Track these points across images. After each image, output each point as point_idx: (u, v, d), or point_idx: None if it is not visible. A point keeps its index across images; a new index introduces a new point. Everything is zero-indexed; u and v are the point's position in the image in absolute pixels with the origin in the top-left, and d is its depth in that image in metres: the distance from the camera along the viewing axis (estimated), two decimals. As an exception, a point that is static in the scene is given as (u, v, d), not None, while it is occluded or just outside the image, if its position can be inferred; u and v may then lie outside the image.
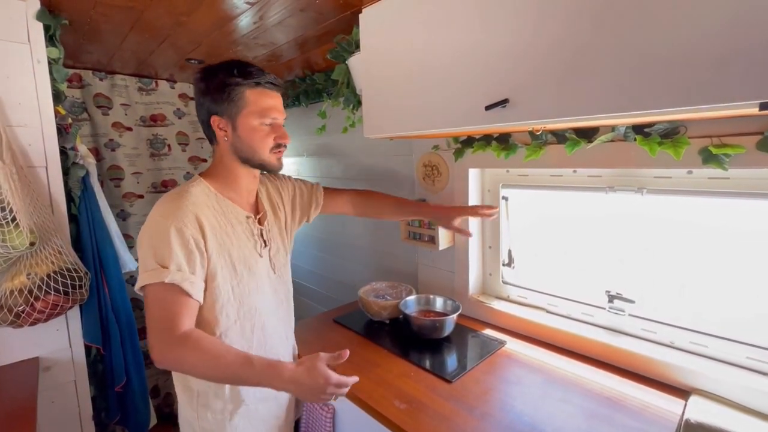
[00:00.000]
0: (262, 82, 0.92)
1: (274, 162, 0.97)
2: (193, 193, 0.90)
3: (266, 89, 0.93)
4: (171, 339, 0.79)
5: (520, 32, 0.79)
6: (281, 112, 0.96)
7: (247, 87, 0.90)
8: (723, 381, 0.95)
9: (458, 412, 0.94)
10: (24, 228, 1.08)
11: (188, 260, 0.83)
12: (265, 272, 1.01)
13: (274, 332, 1.03)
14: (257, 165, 0.96)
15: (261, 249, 1.00)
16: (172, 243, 0.82)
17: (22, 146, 1.19)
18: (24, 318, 1.13)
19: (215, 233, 0.90)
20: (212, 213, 0.91)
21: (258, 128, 0.92)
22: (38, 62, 1.21)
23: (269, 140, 0.94)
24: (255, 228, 1.00)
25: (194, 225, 0.85)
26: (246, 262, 0.95)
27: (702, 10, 0.58)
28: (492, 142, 1.30)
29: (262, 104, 0.91)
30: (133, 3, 1.18)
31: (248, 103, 0.90)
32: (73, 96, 1.97)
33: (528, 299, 1.41)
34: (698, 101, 0.60)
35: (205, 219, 0.88)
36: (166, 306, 0.81)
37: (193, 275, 0.84)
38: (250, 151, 0.93)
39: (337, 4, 1.20)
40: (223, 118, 0.92)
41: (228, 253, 0.92)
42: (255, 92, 0.91)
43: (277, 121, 0.95)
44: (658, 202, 1.08)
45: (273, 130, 0.94)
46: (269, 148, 0.94)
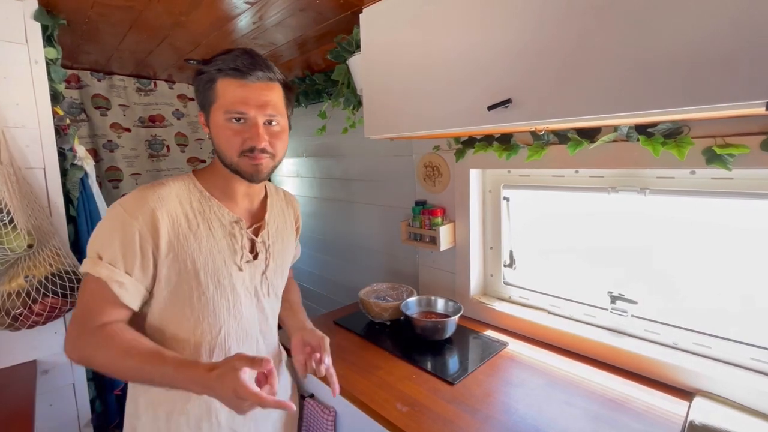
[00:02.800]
0: (225, 69, 0.75)
1: (245, 168, 0.79)
2: (168, 186, 0.80)
3: (237, 78, 0.75)
4: (83, 330, 0.72)
5: (523, 31, 0.79)
6: (257, 106, 0.76)
7: (217, 75, 0.76)
8: (727, 382, 0.94)
9: (461, 415, 0.93)
10: (22, 230, 1.07)
11: (125, 258, 0.73)
12: (245, 290, 0.86)
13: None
14: (232, 170, 0.81)
15: (243, 261, 0.85)
16: (114, 235, 0.73)
17: (20, 147, 1.18)
18: (22, 321, 1.12)
19: (178, 234, 0.77)
20: (185, 211, 0.79)
21: (223, 126, 0.77)
22: (36, 63, 1.20)
23: (235, 141, 0.77)
24: (242, 235, 0.85)
25: (147, 222, 0.74)
26: (215, 274, 0.81)
27: (708, 8, 0.58)
28: (493, 142, 1.29)
29: (228, 96, 0.76)
30: (132, 2, 1.17)
31: (218, 96, 0.76)
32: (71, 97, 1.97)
33: (529, 300, 1.40)
34: (704, 101, 0.60)
35: (168, 217, 0.76)
36: (91, 299, 0.73)
37: (126, 276, 0.73)
38: (220, 152, 0.80)
39: (338, 3, 1.19)
40: (203, 112, 0.81)
41: (191, 259, 0.78)
42: (224, 82, 0.76)
43: (248, 118, 0.76)
44: (661, 203, 1.08)
45: (242, 129, 0.77)
46: (237, 152, 0.77)
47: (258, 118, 0.77)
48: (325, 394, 1.15)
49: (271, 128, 0.79)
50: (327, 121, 1.81)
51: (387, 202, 1.82)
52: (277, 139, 0.80)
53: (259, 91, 0.76)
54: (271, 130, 0.79)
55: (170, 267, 0.77)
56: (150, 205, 0.75)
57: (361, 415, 1.01)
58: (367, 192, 1.92)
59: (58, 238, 1.20)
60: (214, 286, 0.81)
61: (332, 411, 1.12)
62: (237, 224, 0.85)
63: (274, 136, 0.80)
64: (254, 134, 0.76)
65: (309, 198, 2.34)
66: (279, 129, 0.81)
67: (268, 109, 0.77)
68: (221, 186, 0.85)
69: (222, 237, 0.83)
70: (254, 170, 0.79)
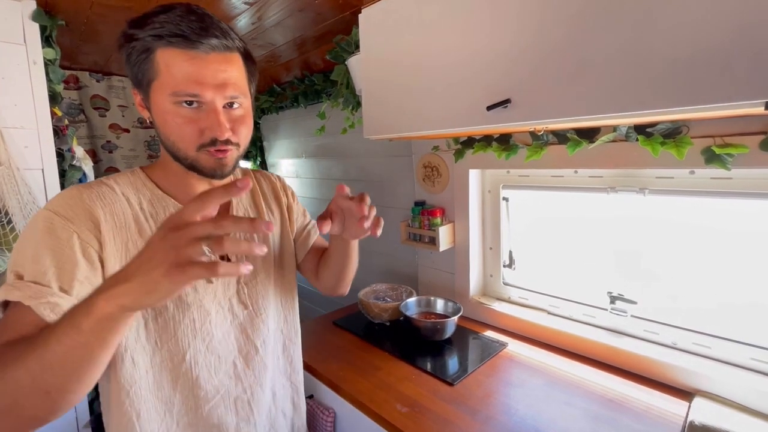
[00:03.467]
0: (166, 35, 0.55)
1: (204, 164, 0.62)
2: (109, 184, 0.64)
3: (185, 48, 0.56)
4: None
5: (522, 31, 0.79)
6: (214, 86, 0.58)
7: (155, 44, 0.56)
8: (727, 382, 0.94)
9: (461, 416, 0.93)
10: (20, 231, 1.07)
11: (60, 271, 0.54)
12: (216, 305, 0.71)
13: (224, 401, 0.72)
14: (187, 166, 0.63)
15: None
16: (41, 245, 0.55)
17: (19, 148, 1.17)
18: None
19: (126, 242, 0.61)
20: (134, 214, 0.64)
21: (171, 111, 0.59)
22: (34, 63, 1.20)
23: (190, 132, 0.59)
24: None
25: (86, 223, 0.58)
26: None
27: (706, 8, 0.58)
28: (492, 142, 1.29)
29: (175, 73, 0.56)
30: (130, 3, 1.17)
31: (158, 71, 0.57)
32: (70, 98, 1.96)
33: (529, 301, 1.40)
34: (703, 101, 0.60)
35: (113, 219, 0.61)
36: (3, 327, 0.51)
37: (60, 292, 0.53)
38: (170, 144, 0.61)
39: (336, 4, 1.19)
40: (138, 90, 0.62)
41: None
42: (166, 53, 0.56)
43: (204, 102, 0.59)
44: (660, 203, 1.08)
45: (196, 116, 0.59)
46: (194, 145, 0.60)
47: (216, 101, 0.59)
48: (324, 395, 1.15)
49: (233, 112, 0.62)
50: (326, 121, 1.81)
51: (386, 203, 1.82)
52: (240, 125, 0.63)
53: (215, 65, 0.58)
54: (232, 114, 0.62)
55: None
56: (87, 204, 0.59)
57: (360, 415, 1.00)
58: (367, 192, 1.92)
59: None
60: (173, 304, 0.65)
61: (332, 412, 1.12)
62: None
63: (236, 122, 0.62)
64: (214, 123, 0.59)
65: (309, 199, 2.34)
66: (242, 112, 0.64)
67: (228, 89, 0.59)
68: (176, 182, 0.69)
69: None
70: (217, 165, 0.62)
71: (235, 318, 0.74)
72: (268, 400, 0.81)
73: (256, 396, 0.77)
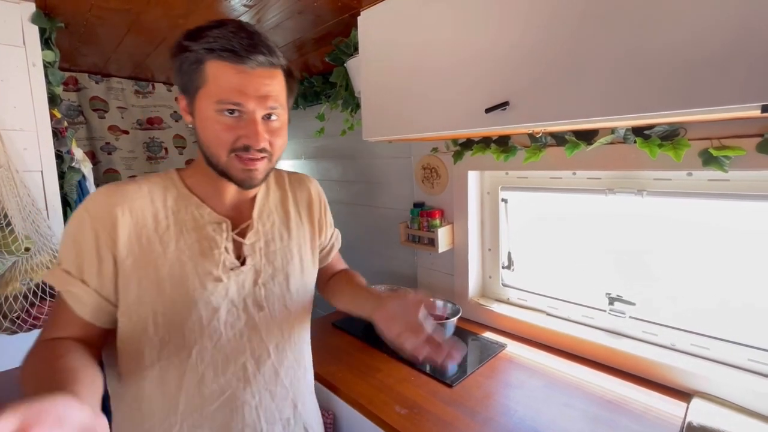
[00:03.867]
0: (218, 49, 0.60)
1: (235, 173, 0.66)
2: (139, 183, 0.69)
3: (233, 62, 0.61)
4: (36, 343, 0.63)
5: (519, 34, 0.79)
6: (256, 98, 0.63)
7: (206, 56, 0.61)
8: (725, 383, 0.94)
9: (460, 417, 0.93)
10: (19, 233, 1.06)
11: (81, 264, 0.63)
12: (228, 304, 0.71)
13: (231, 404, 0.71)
14: (219, 172, 0.67)
15: (224, 269, 0.70)
16: (72, 239, 0.64)
17: (18, 150, 1.17)
18: (19, 324, 1.11)
19: (140, 237, 0.66)
20: (155, 210, 0.68)
21: (212, 118, 0.63)
22: (33, 65, 1.20)
23: (226, 137, 0.63)
24: (224, 239, 0.71)
25: (105, 221, 0.64)
26: (183, 284, 0.67)
27: (703, 11, 0.58)
28: (491, 144, 1.30)
29: (221, 83, 0.61)
30: (130, 5, 1.17)
31: (206, 80, 0.62)
32: (69, 99, 1.96)
33: (528, 302, 1.40)
34: (700, 104, 0.60)
35: (131, 216, 0.65)
36: (50, 312, 0.65)
37: (80, 284, 0.63)
38: (206, 148, 0.66)
39: (336, 6, 1.20)
40: (185, 96, 0.67)
41: (153, 267, 0.65)
42: (216, 65, 0.61)
43: (245, 111, 0.63)
44: (658, 204, 1.08)
45: (236, 124, 0.63)
46: (227, 150, 0.64)
47: (257, 112, 0.63)
48: (323, 397, 1.15)
49: (270, 123, 0.66)
50: (325, 123, 1.81)
51: (385, 204, 1.82)
52: (276, 137, 0.68)
53: (260, 79, 0.63)
54: (270, 125, 0.66)
55: (129, 276, 0.64)
56: (111, 202, 0.65)
57: (359, 417, 1.01)
58: (366, 194, 1.92)
59: (56, 241, 1.19)
60: (181, 298, 0.67)
61: (330, 414, 1.12)
62: (219, 225, 0.71)
63: (273, 133, 0.67)
64: (251, 132, 0.63)
65: (307, 200, 2.34)
66: (279, 125, 0.68)
67: (269, 101, 0.64)
68: (206, 183, 0.72)
69: (195, 240, 0.69)
70: (247, 176, 0.66)
71: (250, 319, 0.73)
72: (286, 411, 0.78)
73: (264, 403, 0.75)
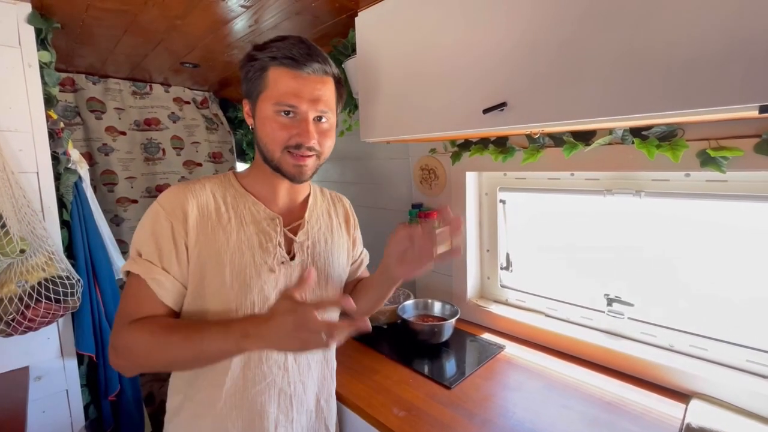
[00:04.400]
0: (279, 57, 0.70)
1: (287, 168, 0.74)
2: (202, 182, 0.78)
3: (292, 68, 0.70)
4: (121, 328, 0.68)
5: (518, 35, 0.79)
6: (309, 100, 0.71)
7: (269, 63, 0.71)
8: (723, 384, 0.94)
9: (458, 420, 0.93)
10: (14, 235, 1.06)
11: (161, 254, 0.70)
12: (276, 294, 0.77)
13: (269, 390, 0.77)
14: (273, 167, 0.76)
15: (277, 262, 0.77)
16: (150, 231, 0.71)
17: (13, 151, 1.16)
18: (14, 327, 1.10)
19: (206, 227, 0.73)
20: (217, 205, 0.76)
21: (271, 118, 0.72)
22: (29, 66, 1.19)
23: (281, 135, 0.72)
24: (277, 233, 0.78)
25: (178, 214, 0.72)
26: (242, 271, 0.73)
27: (701, 12, 0.58)
28: (489, 145, 1.30)
29: (280, 86, 0.70)
30: (127, 6, 1.17)
31: (267, 85, 0.72)
32: (66, 100, 1.95)
33: (526, 303, 1.40)
34: (698, 104, 0.60)
35: (198, 208, 0.73)
36: (131, 298, 0.71)
37: (163, 272, 0.70)
38: (263, 145, 0.75)
39: (333, 7, 1.19)
40: (248, 101, 0.77)
41: (216, 253, 0.73)
42: (277, 71, 0.71)
43: (299, 112, 0.71)
44: (656, 205, 1.08)
45: (290, 124, 0.72)
46: (281, 147, 0.72)
47: (309, 113, 0.72)
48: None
49: (321, 125, 0.75)
50: (323, 124, 1.81)
51: (383, 205, 1.82)
52: (325, 138, 0.76)
53: (313, 84, 0.71)
54: (320, 127, 0.75)
55: (196, 261, 0.72)
56: (181, 198, 0.73)
57: (357, 419, 1.00)
58: (364, 195, 1.92)
59: (52, 243, 1.18)
60: (239, 284, 0.73)
61: (329, 416, 1.11)
62: (273, 221, 0.79)
63: (322, 134, 0.75)
64: (303, 130, 0.71)
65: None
66: (328, 127, 0.76)
67: (320, 104, 0.72)
68: (260, 184, 0.81)
69: (254, 233, 0.76)
70: (297, 171, 0.75)
71: None
72: (311, 404, 0.85)
73: (297, 393, 0.81)
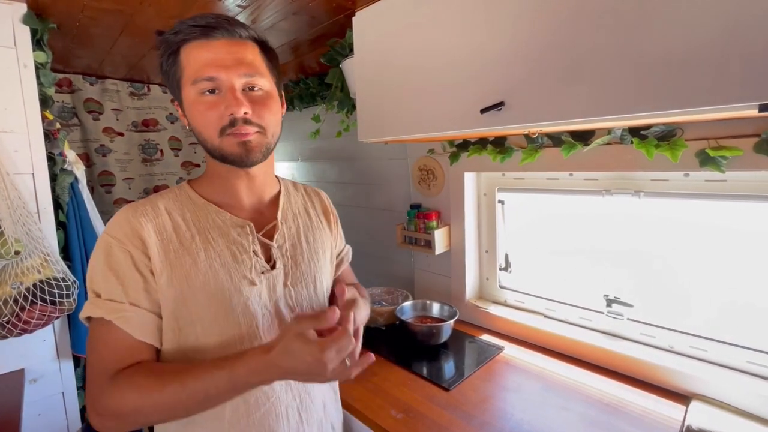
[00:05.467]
0: (184, 30, 0.61)
1: (230, 149, 0.63)
2: (153, 201, 0.68)
3: (200, 38, 0.61)
4: (102, 383, 0.58)
5: (515, 34, 0.78)
6: (227, 66, 0.61)
7: (177, 44, 0.62)
8: (724, 386, 0.93)
9: (456, 422, 0.92)
10: (9, 236, 1.05)
11: (126, 288, 0.61)
12: (262, 309, 0.68)
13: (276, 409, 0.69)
14: (218, 157, 0.65)
15: (256, 273, 0.68)
16: (106, 266, 0.61)
17: (8, 152, 1.16)
18: (9, 329, 1.10)
19: (168, 252, 0.64)
20: (175, 225, 0.66)
21: (196, 101, 0.62)
22: (24, 66, 1.18)
23: (211, 116, 0.61)
24: (250, 242, 0.69)
25: (135, 242, 0.62)
26: (219, 293, 0.64)
27: (700, 11, 0.57)
28: (487, 145, 1.29)
29: (193, 62, 0.61)
30: (123, 6, 1.16)
31: (183, 68, 0.63)
32: (63, 101, 1.95)
33: (525, 304, 1.39)
34: (697, 103, 0.59)
35: (156, 234, 0.64)
36: (102, 346, 0.60)
37: (131, 307, 0.60)
38: (198, 136, 0.65)
39: (330, 7, 1.19)
40: (176, 99, 0.67)
41: (187, 280, 0.63)
42: (187, 48, 0.62)
43: (221, 83, 0.61)
44: (655, 205, 1.08)
45: (218, 100, 0.61)
46: (217, 128, 0.62)
47: (233, 80, 0.61)
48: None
49: (253, 94, 0.64)
50: (321, 124, 1.80)
51: (382, 206, 1.81)
52: (262, 107, 0.64)
53: (228, 47, 0.62)
54: (252, 96, 0.64)
55: (165, 293, 0.63)
56: (133, 223, 0.63)
57: (355, 422, 0.99)
58: (362, 195, 1.92)
59: (47, 245, 1.17)
60: (217, 307, 0.64)
61: (326, 418, 1.11)
62: (242, 229, 0.69)
63: (257, 103, 0.63)
64: (230, 100, 0.61)
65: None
66: (262, 94, 0.65)
67: (242, 67, 0.62)
68: (219, 188, 0.71)
69: (224, 247, 0.67)
70: (243, 150, 0.63)
71: (282, 322, 0.70)
72: (319, 411, 0.77)
73: (305, 404, 0.74)
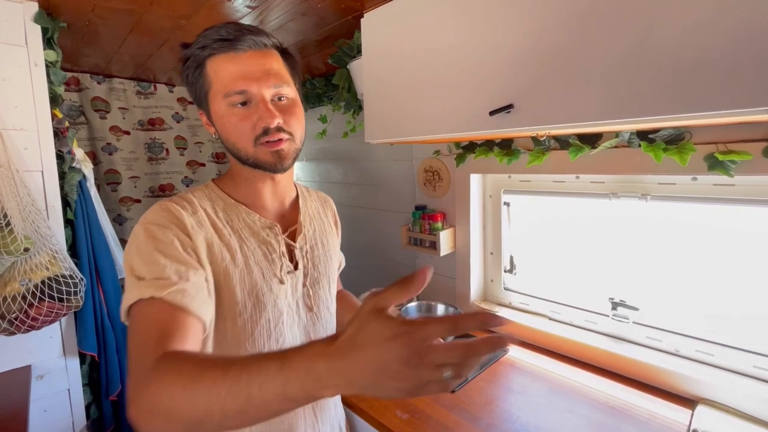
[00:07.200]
0: (210, 44, 0.63)
1: (264, 158, 0.65)
2: (188, 197, 0.68)
3: (226, 51, 0.63)
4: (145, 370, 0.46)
5: (524, 37, 0.78)
6: (257, 79, 0.63)
7: (203, 56, 0.64)
8: (730, 390, 0.93)
9: (462, 423, 0.92)
10: (18, 233, 1.06)
11: (173, 262, 0.58)
12: (287, 306, 0.71)
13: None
14: (251, 165, 0.67)
15: (284, 272, 0.71)
16: (151, 250, 0.59)
17: (18, 150, 1.17)
18: (17, 325, 1.10)
19: (212, 246, 0.65)
20: (212, 221, 0.67)
21: (227, 114, 0.64)
22: (35, 65, 1.19)
23: (245, 127, 0.64)
24: (278, 242, 0.71)
25: (180, 230, 0.63)
26: (253, 290, 0.67)
27: (712, 14, 0.58)
28: (494, 147, 1.29)
29: (222, 75, 0.63)
30: (133, 6, 1.17)
31: (210, 80, 0.64)
32: (71, 99, 1.96)
33: (530, 306, 1.39)
34: (708, 107, 0.59)
35: (198, 226, 0.64)
36: (145, 330, 0.53)
37: (181, 281, 0.57)
38: (231, 146, 0.67)
39: (339, 8, 1.19)
40: (202, 109, 0.69)
41: (224, 274, 0.65)
42: (214, 61, 0.64)
43: (252, 96, 0.64)
44: (663, 209, 1.07)
45: (249, 112, 0.64)
46: (251, 138, 0.64)
47: (263, 91, 0.64)
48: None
49: (281, 104, 0.67)
50: (327, 125, 1.81)
51: (387, 207, 1.81)
52: (290, 116, 0.67)
53: (255, 59, 0.64)
54: (280, 105, 0.66)
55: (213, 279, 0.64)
56: (174, 213, 0.63)
57: (361, 422, 0.99)
58: (367, 196, 1.92)
59: (56, 242, 1.18)
60: (252, 304, 0.66)
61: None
62: (271, 230, 0.72)
63: (285, 112, 0.66)
64: (263, 111, 0.63)
65: (308, 202, 2.33)
66: (289, 103, 0.68)
67: (271, 79, 0.64)
68: (244, 190, 0.73)
69: (256, 246, 0.69)
70: (276, 158, 0.66)
71: (301, 320, 0.74)
72: (331, 410, 0.80)
73: (320, 403, 0.75)
